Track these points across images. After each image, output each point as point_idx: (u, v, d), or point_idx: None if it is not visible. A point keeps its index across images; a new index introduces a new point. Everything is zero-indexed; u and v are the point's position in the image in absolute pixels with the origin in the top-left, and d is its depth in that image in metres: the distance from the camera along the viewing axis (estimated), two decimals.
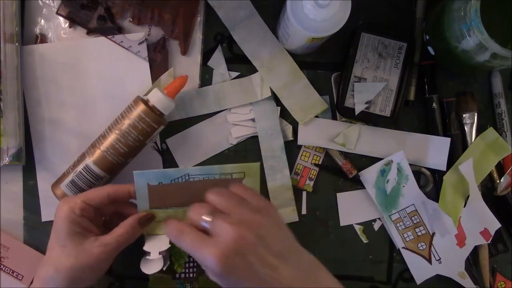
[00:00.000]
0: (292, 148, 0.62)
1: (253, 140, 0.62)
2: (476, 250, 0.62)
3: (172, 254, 0.52)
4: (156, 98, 0.54)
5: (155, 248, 0.52)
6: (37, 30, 0.60)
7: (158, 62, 0.60)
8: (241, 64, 0.61)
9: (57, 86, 0.60)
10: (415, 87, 0.62)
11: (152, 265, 0.52)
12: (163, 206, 0.52)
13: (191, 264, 0.53)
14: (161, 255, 0.51)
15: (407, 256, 0.62)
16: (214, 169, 0.50)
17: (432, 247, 0.62)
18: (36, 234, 0.60)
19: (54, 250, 0.49)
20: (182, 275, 0.52)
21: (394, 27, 0.62)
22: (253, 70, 0.61)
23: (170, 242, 0.52)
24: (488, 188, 0.63)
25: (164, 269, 0.53)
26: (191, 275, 0.52)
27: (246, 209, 0.44)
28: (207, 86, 0.61)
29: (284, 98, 0.61)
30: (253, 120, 0.61)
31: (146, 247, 0.52)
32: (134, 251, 0.53)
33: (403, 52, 0.59)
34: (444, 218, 0.61)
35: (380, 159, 0.62)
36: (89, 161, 0.55)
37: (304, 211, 0.62)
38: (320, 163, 0.62)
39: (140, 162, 0.59)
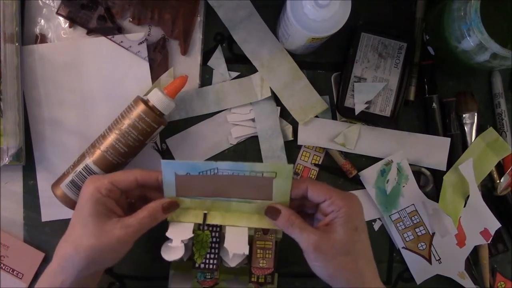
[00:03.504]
0: (292, 148, 0.62)
1: (253, 140, 0.62)
2: (476, 250, 0.62)
3: (194, 244, 0.52)
4: (156, 98, 0.54)
5: (178, 236, 0.51)
6: (37, 30, 0.60)
7: (158, 62, 0.60)
8: (241, 64, 0.61)
9: (57, 86, 0.60)
10: (415, 87, 0.62)
11: (172, 252, 0.51)
12: (189, 195, 0.52)
13: (212, 256, 0.53)
14: (182, 244, 0.51)
15: (407, 256, 0.62)
16: (245, 166, 0.49)
17: (432, 247, 0.62)
18: (36, 233, 0.60)
19: (75, 228, 0.48)
20: (202, 265, 0.52)
21: (394, 27, 0.62)
22: (253, 70, 0.61)
23: (193, 231, 0.52)
24: (488, 188, 0.63)
25: (185, 259, 0.52)
26: (211, 266, 0.52)
27: None
28: (207, 86, 0.61)
29: (284, 98, 0.61)
30: (253, 120, 0.61)
31: (168, 233, 0.51)
32: (134, 251, 0.53)
33: (403, 52, 0.59)
34: (444, 218, 0.61)
35: (380, 159, 0.62)
36: (89, 161, 0.55)
37: None
38: (320, 163, 0.62)
39: (140, 162, 0.59)
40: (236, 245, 0.51)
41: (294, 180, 0.51)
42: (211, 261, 0.52)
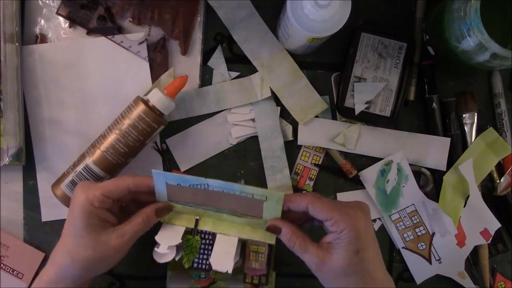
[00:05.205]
0: (292, 148, 0.62)
1: (253, 140, 0.62)
2: (476, 250, 0.62)
3: (184, 248, 0.53)
4: (156, 98, 0.54)
5: (166, 241, 0.52)
6: (37, 30, 0.60)
7: (158, 62, 0.60)
8: (241, 64, 0.61)
9: (57, 86, 0.60)
10: (415, 87, 0.62)
11: (163, 255, 0.52)
12: (181, 201, 0.52)
13: (205, 257, 0.53)
14: (169, 250, 0.51)
15: (407, 256, 0.62)
16: (235, 186, 0.48)
17: (432, 247, 0.62)
18: (36, 233, 0.60)
19: (70, 238, 0.49)
20: (195, 265, 0.53)
21: (394, 27, 0.62)
22: (253, 70, 0.61)
23: (184, 236, 0.52)
24: (488, 188, 0.63)
25: (177, 259, 0.53)
26: (203, 266, 0.53)
27: None
28: (207, 86, 0.61)
29: (284, 98, 0.61)
30: (253, 120, 0.61)
31: (157, 237, 0.52)
32: (135, 251, 0.53)
33: (403, 52, 0.59)
34: (444, 218, 0.61)
35: (380, 159, 0.62)
36: (89, 161, 0.55)
37: None
38: (320, 163, 0.62)
39: (140, 162, 0.59)
40: (220, 262, 0.51)
41: (296, 194, 0.50)
42: (204, 261, 0.53)
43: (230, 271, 0.51)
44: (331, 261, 0.47)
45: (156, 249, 0.52)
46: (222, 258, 0.51)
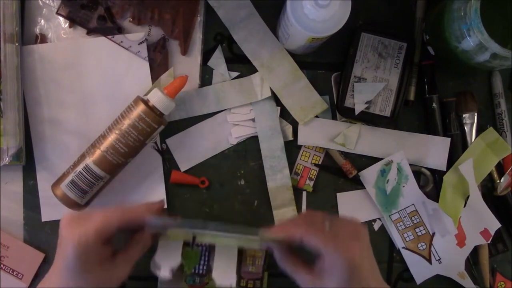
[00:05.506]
0: (292, 148, 0.62)
1: (253, 140, 0.62)
2: (476, 250, 0.62)
3: (185, 257, 0.53)
4: (156, 98, 0.54)
5: (167, 263, 0.52)
6: (37, 30, 0.60)
7: (158, 62, 0.60)
8: (241, 64, 0.61)
9: (57, 86, 0.60)
10: (415, 87, 0.62)
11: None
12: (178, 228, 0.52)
13: (202, 262, 0.53)
14: (171, 273, 0.52)
15: (407, 256, 0.62)
16: (235, 234, 0.49)
17: (432, 247, 0.62)
18: (36, 233, 0.60)
19: (66, 277, 0.47)
20: (192, 271, 0.53)
21: (394, 27, 0.62)
22: (253, 70, 0.61)
23: (183, 249, 0.53)
24: (488, 188, 0.63)
25: (175, 271, 0.53)
26: (200, 271, 0.53)
27: None
28: (207, 86, 0.61)
29: (284, 98, 0.61)
30: (253, 120, 0.61)
31: (157, 258, 0.52)
32: None
33: (403, 52, 0.59)
34: (444, 218, 0.61)
35: (380, 159, 0.62)
36: (89, 161, 0.55)
37: (304, 211, 0.62)
38: (320, 163, 0.62)
39: (140, 162, 0.59)
40: (224, 277, 0.52)
41: (289, 223, 0.50)
42: (201, 267, 0.53)
43: (234, 285, 0.51)
44: (322, 285, 0.47)
45: (159, 274, 0.52)
46: (225, 272, 0.52)
